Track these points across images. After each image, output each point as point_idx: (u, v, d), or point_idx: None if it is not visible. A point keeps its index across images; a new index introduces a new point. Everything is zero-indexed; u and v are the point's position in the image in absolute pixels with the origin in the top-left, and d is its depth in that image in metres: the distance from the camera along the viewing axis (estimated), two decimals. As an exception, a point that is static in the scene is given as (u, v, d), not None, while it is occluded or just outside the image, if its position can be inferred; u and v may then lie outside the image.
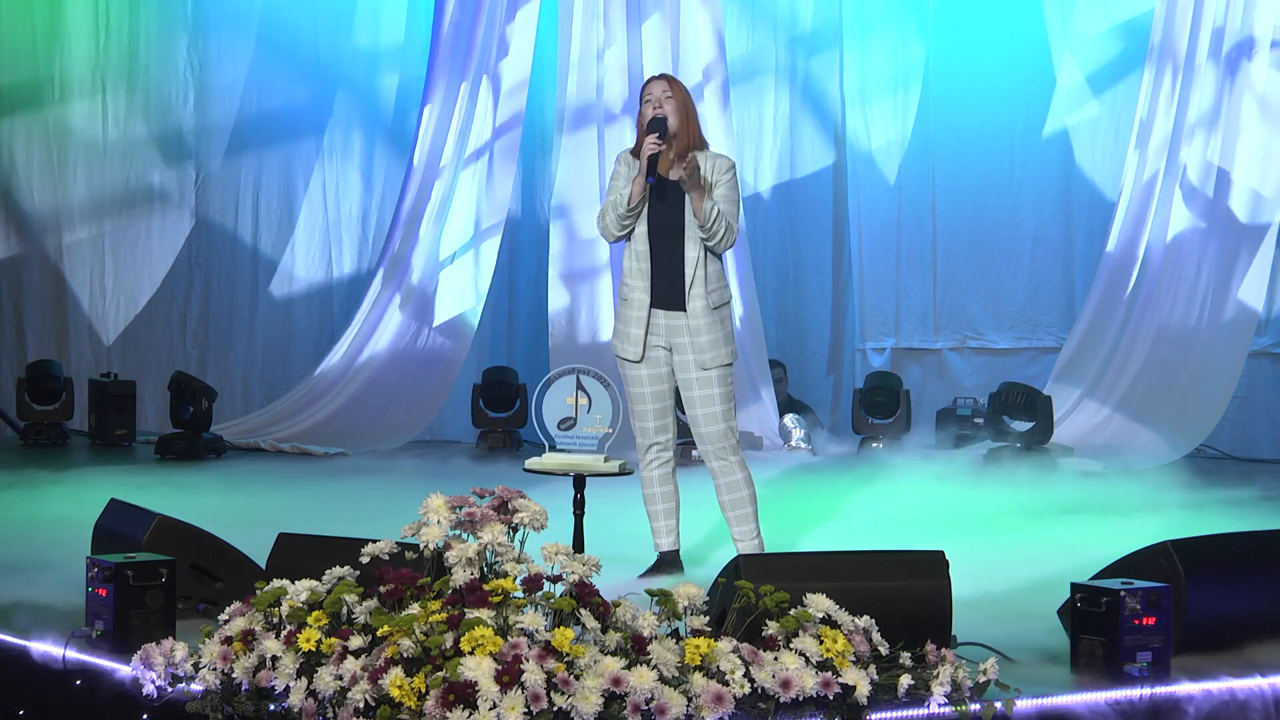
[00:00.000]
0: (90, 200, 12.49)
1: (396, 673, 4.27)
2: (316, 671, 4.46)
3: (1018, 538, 7.93)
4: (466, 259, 12.00)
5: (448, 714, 4.16)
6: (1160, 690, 4.92)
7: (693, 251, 6.63)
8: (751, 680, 4.39)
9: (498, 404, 11.77)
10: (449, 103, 12.04)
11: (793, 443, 11.41)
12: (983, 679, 4.68)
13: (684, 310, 6.65)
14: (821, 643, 4.50)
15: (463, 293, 11.98)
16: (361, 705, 4.29)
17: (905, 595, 5.05)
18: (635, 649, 4.39)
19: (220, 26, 12.60)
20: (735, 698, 4.34)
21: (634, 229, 6.68)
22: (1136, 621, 4.99)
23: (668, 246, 6.65)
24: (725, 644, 4.45)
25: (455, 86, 12.05)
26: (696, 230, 6.63)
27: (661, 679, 4.32)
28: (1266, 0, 11.07)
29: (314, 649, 4.52)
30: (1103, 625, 5.03)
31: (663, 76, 6.82)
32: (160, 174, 12.59)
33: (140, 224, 12.55)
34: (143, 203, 12.55)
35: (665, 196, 6.64)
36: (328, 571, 4.77)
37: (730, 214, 6.66)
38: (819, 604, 4.63)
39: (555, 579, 4.50)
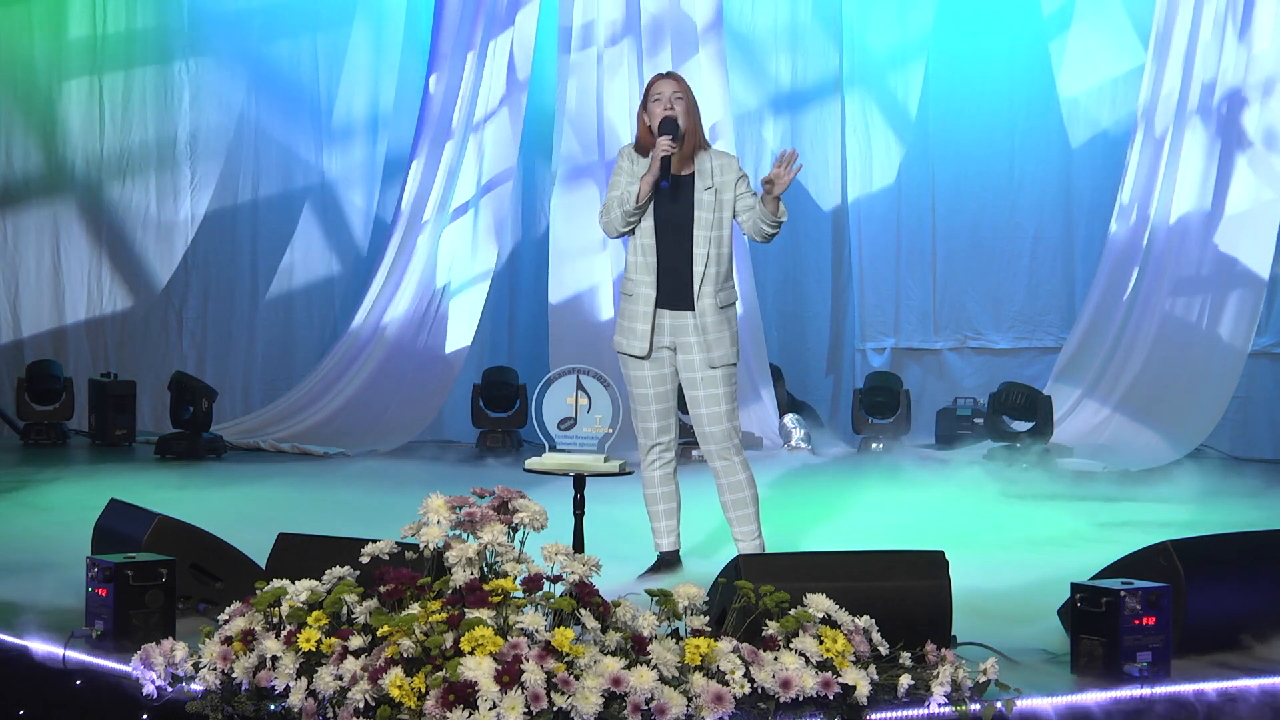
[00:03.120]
0: (89, 200, 12.48)
1: (396, 673, 4.27)
2: (316, 671, 4.46)
3: (1018, 538, 7.93)
4: (466, 261, 11.98)
5: (448, 714, 4.17)
6: (1160, 690, 4.92)
7: (701, 250, 6.62)
8: (751, 680, 4.39)
9: (498, 404, 11.76)
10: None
11: (793, 443, 11.41)
12: (983, 679, 4.68)
13: (690, 309, 6.64)
14: (821, 643, 4.50)
15: (463, 293, 11.97)
16: (361, 705, 4.29)
17: (905, 595, 5.06)
18: (635, 649, 4.39)
19: (217, 26, 12.59)
20: (735, 698, 4.34)
21: (639, 224, 6.67)
22: (1136, 621, 4.99)
23: (674, 245, 6.64)
24: (725, 644, 4.45)
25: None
26: (705, 230, 6.62)
27: (661, 679, 4.32)
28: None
29: (314, 649, 4.52)
30: (1103, 625, 5.03)
31: (671, 75, 6.80)
32: (158, 174, 12.58)
33: (139, 224, 12.54)
34: (141, 202, 12.55)
35: (676, 198, 6.63)
36: (328, 571, 4.77)
37: None
38: (819, 604, 4.63)
39: (555, 579, 4.50)
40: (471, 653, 4.25)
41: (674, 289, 6.66)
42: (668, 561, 6.82)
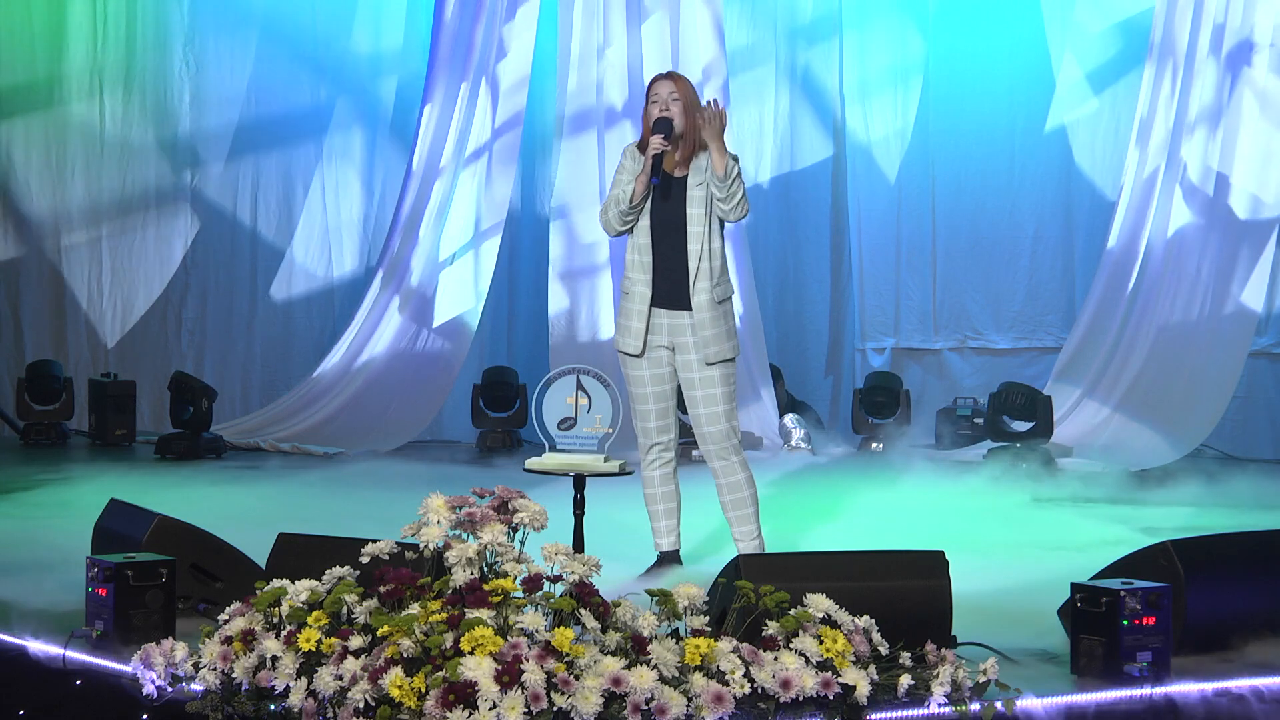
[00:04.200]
0: (89, 201, 12.48)
1: (396, 673, 4.27)
2: (316, 671, 4.46)
3: (1018, 538, 7.93)
4: (466, 260, 11.99)
5: (448, 714, 4.16)
6: (1160, 690, 4.92)
7: (695, 246, 6.63)
8: (751, 680, 4.39)
9: (498, 404, 11.77)
10: (448, 104, 12.04)
11: (793, 443, 11.41)
12: (983, 679, 4.68)
13: (687, 309, 6.65)
14: (821, 643, 4.50)
15: (462, 294, 11.98)
16: (361, 705, 4.29)
17: (905, 595, 5.06)
18: (635, 649, 4.39)
19: (217, 28, 12.59)
20: (735, 698, 4.34)
21: (637, 224, 6.68)
22: (1136, 621, 4.98)
23: (670, 244, 6.66)
24: (725, 644, 4.45)
25: (455, 88, 12.04)
26: (698, 226, 6.63)
27: (661, 679, 4.32)
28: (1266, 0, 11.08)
29: (314, 649, 4.52)
30: (1103, 625, 5.03)
31: (669, 75, 6.80)
32: (158, 175, 12.58)
33: (138, 225, 12.53)
34: (140, 204, 12.55)
35: (669, 196, 6.65)
36: (328, 571, 4.77)
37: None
38: (819, 604, 4.63)
39: (555, 579, 4.50)
40: (471, 653, 4.24)
41: (670, 288, 6.67)
42: (668, 561, 6.82)
